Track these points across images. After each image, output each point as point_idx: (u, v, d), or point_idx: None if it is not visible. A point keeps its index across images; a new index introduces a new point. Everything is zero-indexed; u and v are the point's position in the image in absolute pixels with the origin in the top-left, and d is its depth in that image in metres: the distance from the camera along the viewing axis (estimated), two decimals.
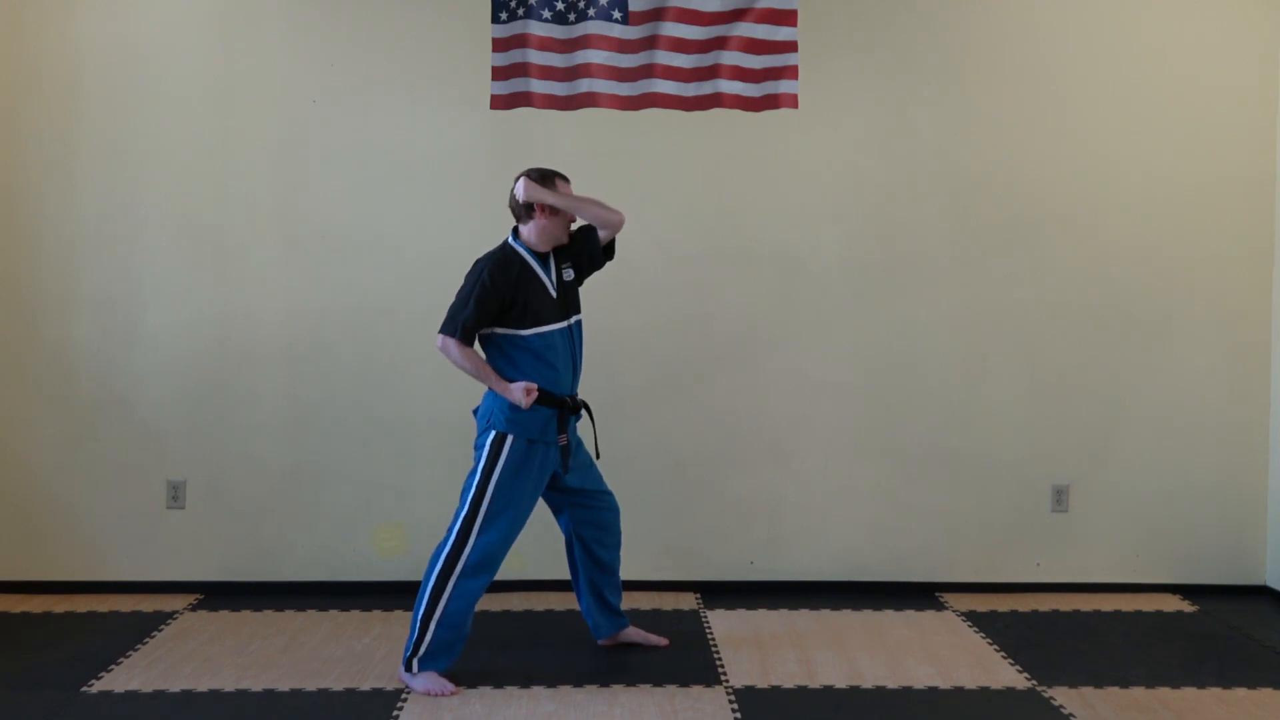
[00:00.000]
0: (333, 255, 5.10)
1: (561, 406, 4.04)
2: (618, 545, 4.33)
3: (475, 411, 4.13)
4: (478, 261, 4.06)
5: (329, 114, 5.08)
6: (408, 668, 3.97)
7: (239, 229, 5.09)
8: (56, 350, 5.06)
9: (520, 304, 3.98)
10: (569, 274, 4.16)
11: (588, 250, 4.17)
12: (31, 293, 5.05)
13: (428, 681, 3.94)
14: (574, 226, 4.17)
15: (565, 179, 4.13)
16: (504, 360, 4.02)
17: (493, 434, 3.98)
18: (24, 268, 5.05)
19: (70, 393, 5.06)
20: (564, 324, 4.08)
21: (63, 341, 5.06)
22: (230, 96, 5.07)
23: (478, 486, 3.97)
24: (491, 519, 3.96)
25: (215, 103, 5.07)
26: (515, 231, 4.12)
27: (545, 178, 4.09)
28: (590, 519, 4.25)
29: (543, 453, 4.03)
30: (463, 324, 3.94)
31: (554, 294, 4.07)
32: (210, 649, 4.37)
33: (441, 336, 3.97)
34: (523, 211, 4.09)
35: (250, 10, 5.08)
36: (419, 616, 3.96)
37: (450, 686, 3.93)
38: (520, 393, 3.91)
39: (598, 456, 4.26)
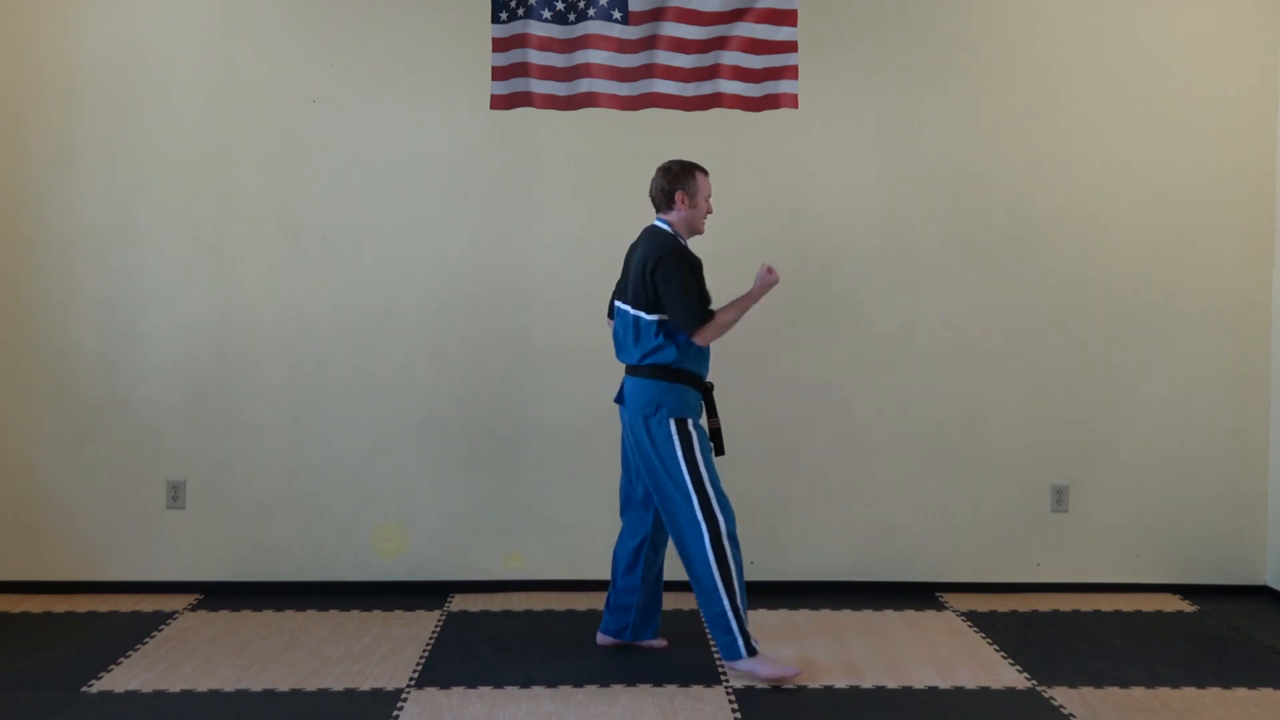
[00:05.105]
0: (333, 255, 5.10)
1: (708, 390, 4.14)
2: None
3: (620, 400, 4.16)
4: (662, 257, 4.04)
5: (329, 114, 5.08)
6: (751, 653, 3.97)
7: (239, 229, 5.09)
8: (56, 350, 5.06)
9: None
10: None
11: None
12: (31, 293, 5.05)
13: (781, 668, 3.98)
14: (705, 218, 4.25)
15: (704, 171, 4.20)
16: (672, 343, 4.05)
17: (672, 420, 4.02)
18: (24, 268, 5.05)
19: (70, 393, 5.06)
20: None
21: (63, 341, 5.06)
22: (230, 96, 5.07)
23: (691, 469, 4.01)
24: (718, 489, 4.03)
25: (215, 103, 5.07)
26: (661, 221, 4.18)
27: (686, 169, 4.16)
28: (665, 530, 4.32)
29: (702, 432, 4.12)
30: (702, 308, 4.03)
31: None
32: (210, 649, 4.37)
33: (698, 331, 4.01)
34: (663, 201, 4.16)
35: (250, 10, 5.08)
36: (728, 608, 3.95)
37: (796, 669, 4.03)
38: (765, 279, 4.10)
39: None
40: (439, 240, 5.10)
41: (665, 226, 4.17)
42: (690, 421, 4.06)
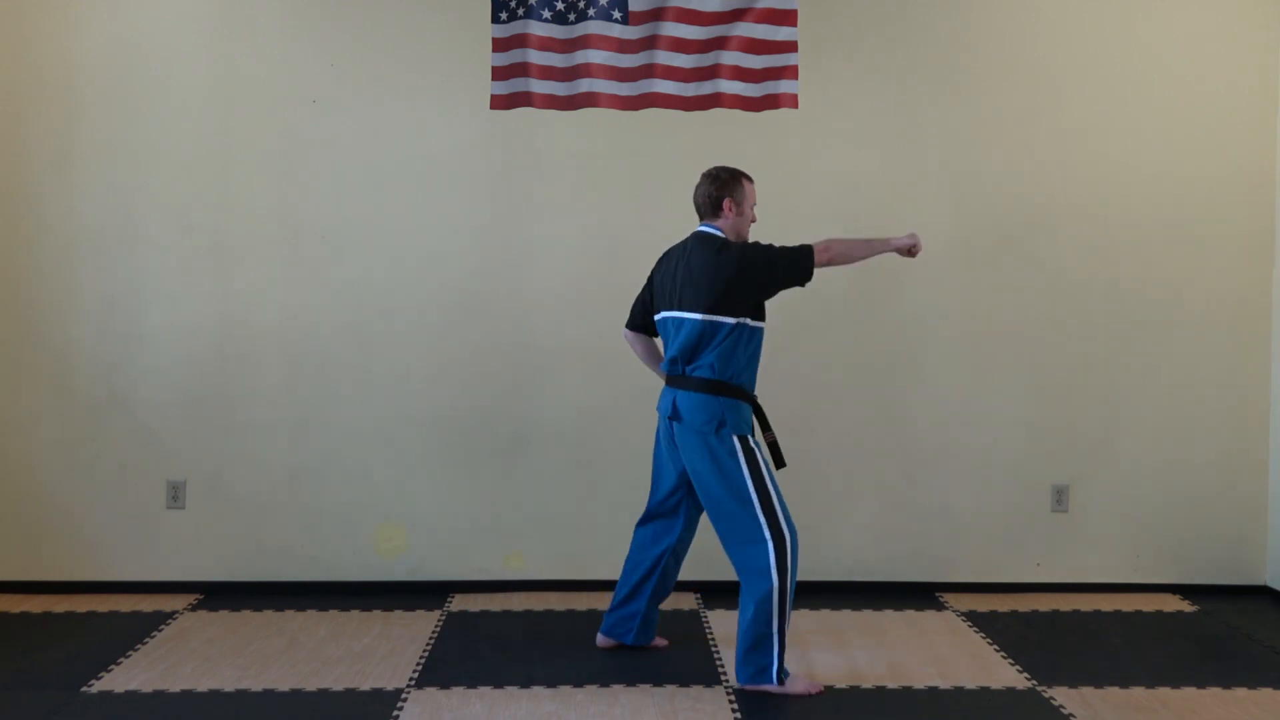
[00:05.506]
0: (333, 255, 5.10)
1: (756, 402, 4.08)
2: None
3: (670, 414, 4.02)
4: (721, 250, 3.98)
5: (329, 114, 5.08)
6: (779, 680, 3.90)
7: (239, 229, 5.09)
8: (56, 350, 5.06)
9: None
10: None
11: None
12: (31, 293, 5.05)
13: (806, 683, 3.95)
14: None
15: (749, 178, 4.15)
16: (743, 351, 3.99)
17: (736, 437, 3.94)
18: (24, 268, 5.05)
19: (70, 393, 5.06)
20: None
21: (63, 341, 5.06)
22: (230, 96, 5.07)
23: (758, 485, 3.92)
24: (783, 505, 3.96)
25: (215, 103, 5.07)
26: (711, 227, 4.09)
27: (734, 176, 4.10)
28: (688, 541, 4.30)
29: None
30: (803, 248, 3.99)
31: None
32: (210, 649, 4.37)
33: (815, 254, 3.98)
34: (709, 208, 4.10)
35: (250, 10, 5.08)
36: (775, 630, 3.89)
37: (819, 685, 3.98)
38: (907, 241, 4.08)
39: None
40: (439, 240, 5.10)
41: (716, 232, 4.08)
42: (751, 438, 3.98)
